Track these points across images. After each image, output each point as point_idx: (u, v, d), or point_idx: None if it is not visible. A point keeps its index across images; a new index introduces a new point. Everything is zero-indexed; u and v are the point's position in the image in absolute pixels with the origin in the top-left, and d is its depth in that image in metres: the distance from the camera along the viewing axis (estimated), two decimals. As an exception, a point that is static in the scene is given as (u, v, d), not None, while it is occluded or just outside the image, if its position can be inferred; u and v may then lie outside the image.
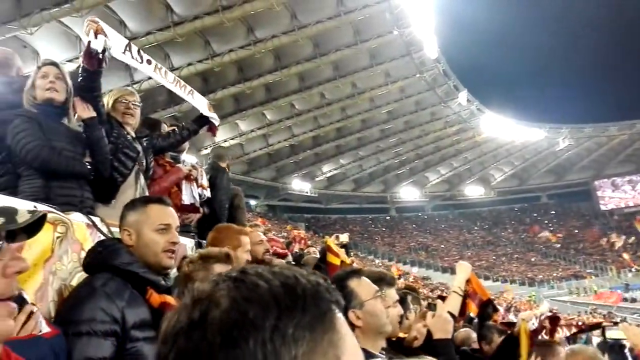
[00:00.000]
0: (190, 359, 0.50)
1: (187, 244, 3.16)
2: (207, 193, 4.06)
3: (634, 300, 33.39)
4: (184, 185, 3.77)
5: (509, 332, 3.28)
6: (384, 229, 50.60)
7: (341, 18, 24.84)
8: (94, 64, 2.72)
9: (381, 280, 2.08)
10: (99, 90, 2.84)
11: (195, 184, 3.89)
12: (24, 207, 0.80)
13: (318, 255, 5.22)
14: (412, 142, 42.03)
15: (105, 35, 2.71)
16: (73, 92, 2.74)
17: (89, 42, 2.67)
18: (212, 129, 3.75)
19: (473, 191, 54.47)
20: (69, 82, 2.71)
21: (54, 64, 2.73)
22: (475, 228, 54.13)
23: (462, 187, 54.19)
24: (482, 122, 41.59)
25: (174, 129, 3.67)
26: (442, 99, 36.98)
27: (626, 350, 6.87)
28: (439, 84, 35.35)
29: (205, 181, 4.07)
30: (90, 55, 2.68)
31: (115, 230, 2.22)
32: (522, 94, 79.44)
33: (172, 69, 21.51)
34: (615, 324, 10.10)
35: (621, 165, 53.75)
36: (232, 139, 31.26)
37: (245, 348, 0.48)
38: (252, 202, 40.17)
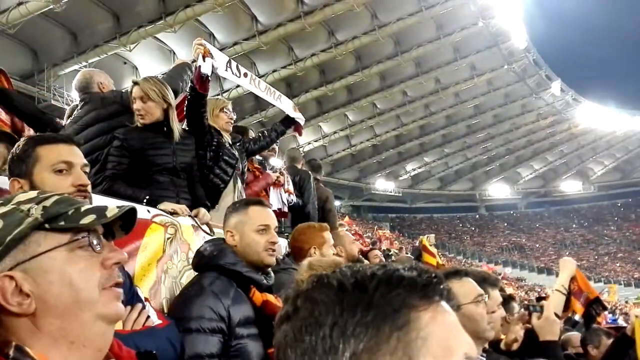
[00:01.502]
0: (279, 349, 0.55)
1: (282, 243, 3.27)
2: (294, 198, 4.18)
3: None
4: (272, 191, 3.92)
5: (621, 332, 3.03)
6: (472, 229, 48.89)
7: (423, 13, 24.42)
8: (206, 89, 2.88)
9: (484, 281, 2.01)
10: (205, 108, 3.01)
11: (282, 189, 4.02)
12: (113, 204, 0.89)
13: (409, 255, 5.18)
14: (501, 137, 40.26)
15: (212, 57, 2.87)
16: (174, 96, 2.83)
17: (199, 66, 2.80)
18: (298, 129, 3.90)
19: (570, 187, 50.98)
20: (163, 91, 2.66)
21: (135, 83, 2.67)
22: (574, 226, 50.71)
23: (558, 182, 50.95)
24: (579, 112, 39.04)
25: (263, 132, 3.82)
26: (533, 90, 35.15)
27: None
28: (530, 75, 33.66)
29: (291, 186, 4.19)
30: (202, 80, 2.82)
31: (219, 232, 2.36)
32: (623, 80, 72.92)
33: (258, 77, 22.30)
34: None
35: None
36: (315, 141, 31.81)
37: (309, 342, 0.51)
38: (337, 203, 40.50)
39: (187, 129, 2.98)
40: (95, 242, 0.81)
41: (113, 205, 0.84)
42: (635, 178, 51.68)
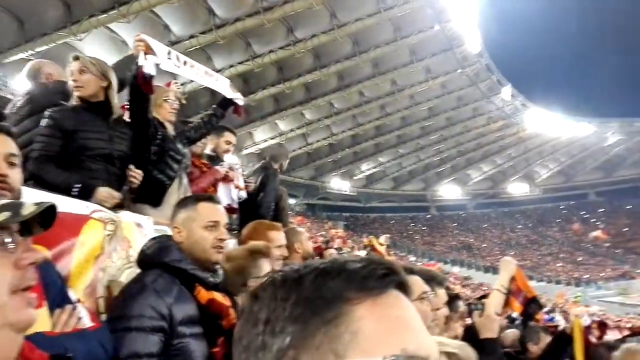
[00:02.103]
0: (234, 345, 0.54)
1: (231, 242, 3.21)
2: (244, 194, 4.09)
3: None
4: (221, 187, 3.83)
5: (561, 330, 3.16)
6: (423, 228, 49.97)
7: (381, 15, 24.68)
8: (151, 89, 2.78)
9: (432, 280, 2.04)
10: (149, 110, 2.90)
11: (232, 185, 3.93)
12: (30, 200, 0.83)
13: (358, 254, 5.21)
14: (453, 139, 41.31)
15: (153, 53, 2.75)
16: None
17: (141, 66, 2.69)
18: (237, 110, 3.70)
19: (517, 189, 52.99)
20: (104, 67, 2.60)
21: (76, 58, 2.61)
22: (519, 226, 52.74)
23: (505, 184, 52.85)
24: (527, 117, 40.50)
25: (202, 119, 3.67)
26: (485, 95, 36.21)
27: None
28: (482, 79, 34.64)
29: (242, 183, 4.10)
30: (145, 80, 2.71)
31: (164, 229, 2.29)
32: (569, 88, 76.57)
33: (215, 72, 21.94)
34: None
35: (676, 161, 51.10)
36: (271, 138, 31.61)
37: (247, 339, 0.50)
38: (291, 201, 40.49)
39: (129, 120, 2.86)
40: (7, 240, 0.75)
41: (30, 202, 0.78)
42: (578, 182, 54.37)
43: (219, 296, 1.90)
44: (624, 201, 53.66)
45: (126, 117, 2.87)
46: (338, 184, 41.84)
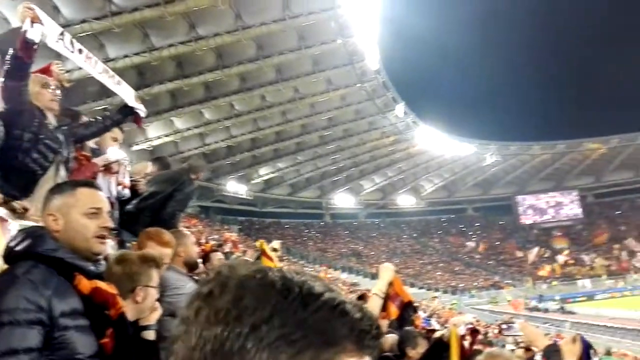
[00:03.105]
0: (182, 321, 0.50)
1: (108, 242, 3.03)
2: (127, 193, 3.91)
3: (546, 310, 35.73)
4: (100, 178, 3.62)
5: (438, 337, 3.37)
6: (317, 235, 50.96)
7: (286, 22, 24.88)
8: (31, 57, 2.57)
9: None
10: (27, 81, 2.67)
11: (113, 178, 3.74)
12: None
13: (247, 259, 5.17)
14: (349, 150, 42.68)
15: (42, 24, 2.57)
16: None
17: (25, 31, 2.51)
18: (138, 120, 3.62)
19: (404, 201, 56.09)
20: None
21: None
22: (405, 236, 55.74)
23: (394, 196, 55.65)
24: (417, 134, 42.93)
25: (97, 117, 3.50)
26: (380, 110, 37.85)
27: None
28: (378, 95, 36.18)
29: (127, 180, 3.90)
30: (27, 45, 2.52)
31: (30, 223, 2.10)
32: (455, 110, 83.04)
33: (107, 60, 20.63)
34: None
35: (542, 183, 57.56)
36: (166, 136, 30.35)
37: (221, 332, 0.46)
38: (186, 203, 39.15)
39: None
40: None
41: None
42: (458, 197, 58.91)
43: (103, 285, 1.76)
44: (497, 217, 59.19)
45: None
46: (234, 187, 41.22)
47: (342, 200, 52.44)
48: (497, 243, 55.86)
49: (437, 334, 3.42)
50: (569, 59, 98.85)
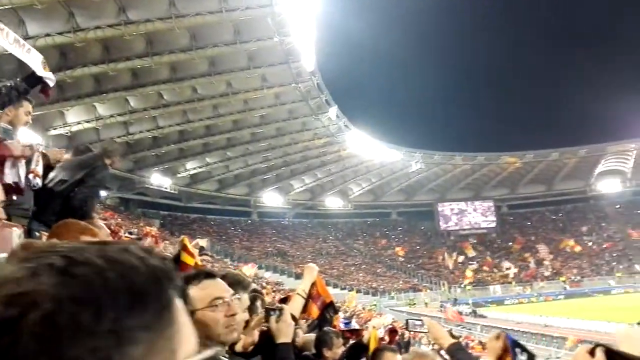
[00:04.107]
0: None
1: (15, 230, 2.74)
2: (38, 182, 3.59)
3: (460, 313, 37.51)
4: (9, 163, 3.28)
5: (356, 338, 3.37)
6: (243, 233, 50.36)
7: (222, 15, 24.35)
8: None
9: (237, 284, 1.99)
10: None
11: (24, 165, 3.41)
12: None
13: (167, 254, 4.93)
14: (281, 149, 42.52)
15: None
16: None
17: None
18: (46, 91, 3.29)
19: (332, 202, 56.83)
20: None
21: None
22: (331, 238, 56.48)
23: (323, 197, 56.21)
24: (348, 138, 43.62)
25: (0, 89, 3.16)
26: (313, 111, 38.03)
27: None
28: (312, 97, 36.33)
29: (40, 169, 3.58)
30: None
31: None
32: (384, 116, 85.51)
33: (26, 37, 19.12)
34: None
35: (461, 192, 60.58)
36: (87, 122, 28.66)
37: (71, 356, 0.39)
38: (103, 193, 37.16)
39: None
40: None
41: None
42: (384, 202, 60.62)
43: None
44: (419, 222, 61.57)
45: None
46: (158, 180, 39.58)
47: (271, 199, 52.16)
48: (417, 247, 58.08)
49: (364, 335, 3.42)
50: (495, 82, 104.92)
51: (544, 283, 48.44)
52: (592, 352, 1.07)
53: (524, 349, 2.13)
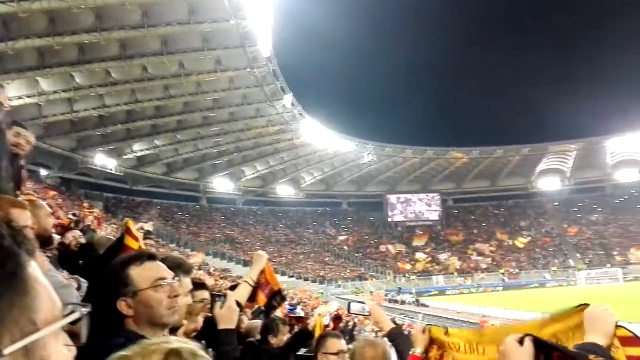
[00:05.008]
0: None
1: None
2: None
3: (403, 302, 38.59)
4: None
5: (301, 325, 3.38)
6: (191, 218, 49.47)
7: (177, -8, 23.63)
8: None
9: (178, 268, 1.95)
10: None
11: None
12: None
13: (109, 236, 4.76)
14: (233, 135, 41.91)
15: None
16: None
17: None
18: None
19: (284, 190, 56.76)
20: None
21: None
22: (281, 225, 56.49)
23: (274, 185, 56.01)
24: (302, 126, 43.54)
25: None
26: (268, 98, 37.64)
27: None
28: (268, 83, 35.92)
29: None
30: None
31: None
32: (339, 106, 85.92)
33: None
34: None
35: (410, 184, 61.98)
36: (28, 96, 27.13)
37: None
38: (44, 173, 35.45)
39: None
40: None
41: None
42: (335, 191, 61.16)
43: None
44: (368, 213, 62.59)
45: None
46: (103, 161, 38.07)
47: (221, 185, 51.42)
48: (365, 237, 59.07)
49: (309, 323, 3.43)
50: (445, 80, 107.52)
51: (484, 275, 50.51)
52: (520, 341, 1.11)
53: None
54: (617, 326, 1.18)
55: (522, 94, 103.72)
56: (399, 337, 2.55)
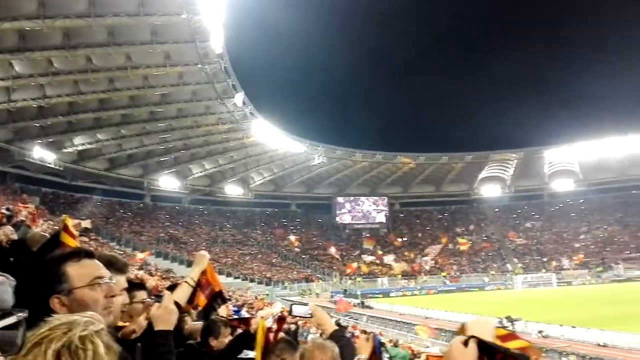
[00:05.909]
0: None
1: None
2: None
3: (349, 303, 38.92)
4: None
5: (244, 327, 3.34)
6: (133, 216, 47.86)
7: (126, -18, 22.87)
8: None
9: (111, 265, 1.89)
10: None
11: None
12: None
13: (43, 233, 4.54)
14: (181, 131, 40.94)
15: None
16: None
17: None
18: None
19: (232, 190, 56.03)
20: None
21: None
22: (228, 226, 55.73)
23: (223, 184, 55.19)
24: (253, 126, 43.15)
25: None
26: (219, 95, 37.06)
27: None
28: (219, 80, 35.36)
29: None
30: None
31: None
32: (291, 107, 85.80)
33: None
34: None
35: (359, 188, 62.88)
36: (-40, 82, 25.48)
37: None
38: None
39: None
40: None
41: None
42: (284, 192, 61.04)
43: None
44: (316, 215, 62.89)
45: None
46: (40, 154, 36.10)
47: (167, 183, 50.04)
48: (313, 239, 59.27)
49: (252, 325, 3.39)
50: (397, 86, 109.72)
51: (427, 277, 51.88)
52: (465, 343, 1.15)
53: (386, 350, 2.28)
54: (496, 327, 1.27)
55: (467, 104, 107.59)
56: (341, 339, 2.56)
